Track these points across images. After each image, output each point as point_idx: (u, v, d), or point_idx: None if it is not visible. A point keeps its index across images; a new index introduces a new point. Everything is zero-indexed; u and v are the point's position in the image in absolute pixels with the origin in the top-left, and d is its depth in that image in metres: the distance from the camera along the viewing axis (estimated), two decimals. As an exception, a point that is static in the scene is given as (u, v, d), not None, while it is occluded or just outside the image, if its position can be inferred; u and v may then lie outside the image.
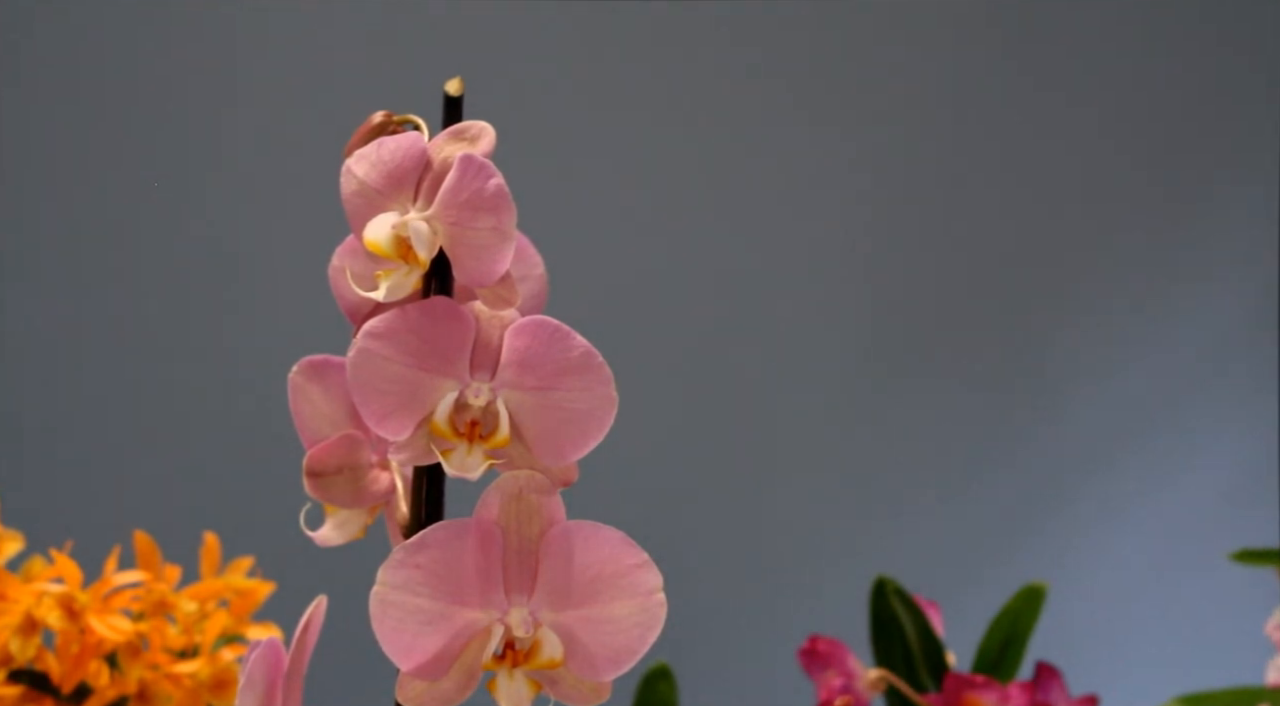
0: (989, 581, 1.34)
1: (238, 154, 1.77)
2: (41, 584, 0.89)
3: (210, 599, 0.94)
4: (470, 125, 0.57)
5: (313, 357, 0.61)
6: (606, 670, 0.56)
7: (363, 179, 0.56)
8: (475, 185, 0.55)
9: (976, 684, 0.98)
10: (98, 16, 1.74)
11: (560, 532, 0.56)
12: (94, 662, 0.90)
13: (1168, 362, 1.90)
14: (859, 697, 1.01)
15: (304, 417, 0.61)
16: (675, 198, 1.87)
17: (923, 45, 1.89)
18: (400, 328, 0.55)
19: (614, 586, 0.56)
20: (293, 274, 1.50)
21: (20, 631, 0.88)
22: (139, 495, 1.67)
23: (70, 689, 0.89)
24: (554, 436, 0.56)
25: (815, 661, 1.03)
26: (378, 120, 0.58)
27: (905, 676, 1.04)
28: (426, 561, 0.55)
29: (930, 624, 1.06)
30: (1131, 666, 1.78)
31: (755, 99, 1.89)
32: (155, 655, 0.91)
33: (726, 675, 1.77)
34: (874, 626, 1.06)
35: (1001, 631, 1.07)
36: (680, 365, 1.85)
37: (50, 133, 1.75)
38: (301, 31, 1.79)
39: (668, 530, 1.44)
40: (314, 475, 0.60)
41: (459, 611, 0.55)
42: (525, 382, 0.56)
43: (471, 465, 0.55)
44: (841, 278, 1.91)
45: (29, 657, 0.88)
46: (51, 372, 1.74)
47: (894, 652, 1.06)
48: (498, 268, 0.55)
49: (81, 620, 0.88)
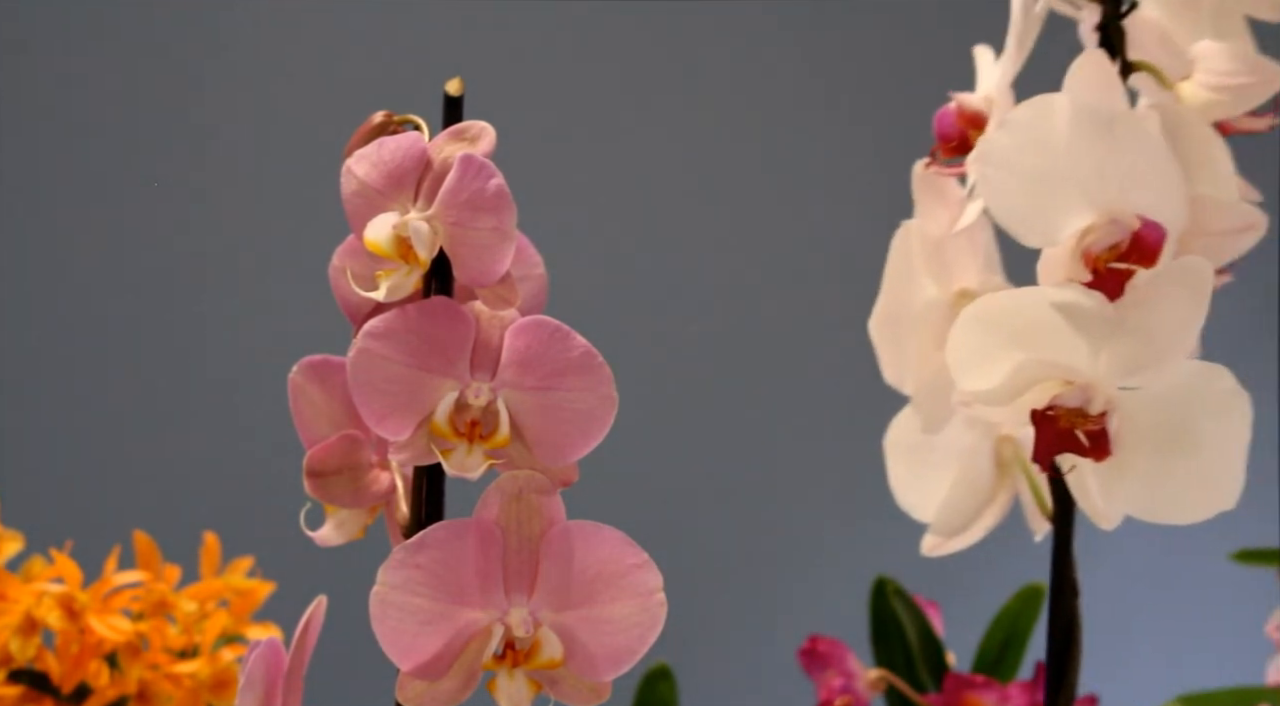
0: (989, 581, 1.33)
1: (238, 154, 1.77)
2: (41, 584, 0.89)
3: (210, 599, 0.94)
4: (471, 125, 0.57)
5: (313, 358, 0.61)
6: (606, 670, 0.56)
7: (363, 179, 0.56)
8: (476, 185, 0.55)
9: (976, 684, 0.98)
10: (99, 16, 1.74)
11: (560, 532, 0.56)
12: (94, 662, 0.90)
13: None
14: (859, 697, 1.01)
15: (304, 418, 0.61)
16: (676, 197, 1.87)
17: (923, 44, 1.89)
18: (400, 327, 0.55)
19: (614, 586, 0.56)
20: (293, 274, 1.50)
21: (20, 631, 0.88)
22: (139, 495, 1.67)
23: (70, 689, 0.89)
24: (554, 436, 0.56)
25: (815, 661, 1.03)
26: (378, 120, 0.58)
27: (905, 676, 1.04)
28: (426, 561, 0.55)
29: (930, 624, 1.06)
30: (1131, 666, 1.78)
31: (756, 99, 1.89)
32: (155, 655, 0.91)
33: (726, 675, 1.77)
34: (874, 626, 1.06)
35: (1001, 631, 1.07)
36: (680, 365, 1.85)
37: (51, 133, 1.75)
38: (302, 31, 1.79)
39: (668, 530, 1.44)
40: (314, 475, 0.60)
41: (459, 611, 0.55)
42: (525, 382, 0.56)
43: (471, 465, 0.55)
44: (842, 278, 1.91)
45: (29, 657, 0.88)
46: (51, 373, 1.74)
47: (894, 652, 1.06)
48: (498, 267, 0.55)
49: (81, 620, 0.88)
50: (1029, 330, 0.72)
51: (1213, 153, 0.79)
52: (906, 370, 0.83)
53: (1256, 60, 0.78)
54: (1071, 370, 0.72)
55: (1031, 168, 0.73)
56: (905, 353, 0.82)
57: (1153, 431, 0.73)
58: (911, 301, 0.82)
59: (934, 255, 0.82)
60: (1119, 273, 0.72)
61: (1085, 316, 0.71)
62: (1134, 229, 0.71)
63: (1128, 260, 0.72)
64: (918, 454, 0.86)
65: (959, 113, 0.81)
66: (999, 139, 0.74)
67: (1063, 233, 0.73)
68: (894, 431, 0.86)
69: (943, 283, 0.82)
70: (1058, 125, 0.73)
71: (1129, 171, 0.72)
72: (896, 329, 0.82)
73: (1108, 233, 0.72)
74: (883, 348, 0.83)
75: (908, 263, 0.82)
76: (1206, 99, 0.78)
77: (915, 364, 0.82)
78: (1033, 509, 0.86)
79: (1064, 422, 0.72)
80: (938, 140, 0.82)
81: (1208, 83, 0.79)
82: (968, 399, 0.74)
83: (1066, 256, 0.73)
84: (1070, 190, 0.72)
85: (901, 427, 0.86)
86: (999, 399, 0.73)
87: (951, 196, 0.82)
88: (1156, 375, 0.72)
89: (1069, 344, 0.72)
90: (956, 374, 0.74)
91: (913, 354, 0.82)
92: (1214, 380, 0.74)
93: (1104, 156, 0.72)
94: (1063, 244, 0.73)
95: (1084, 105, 0.73)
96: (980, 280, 0.83)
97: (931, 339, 0.81)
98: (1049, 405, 0.72)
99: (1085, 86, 0.75)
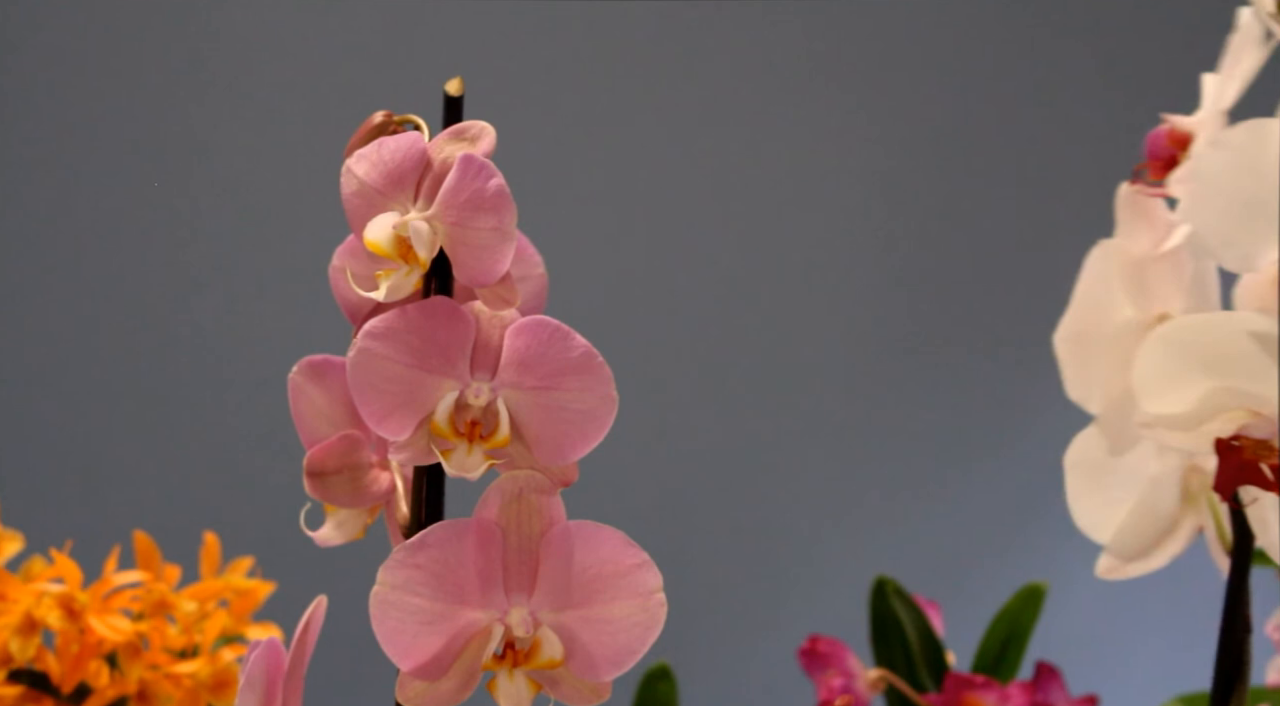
0: (989, 581, 1.33)
1: (238, 154, 1.77)
2: (41, 584, 0.89)
3: (210, 599, 0.94)
4: (471, 125, 0.57)
5: (313, 358, 0.61)
6: (607, 670, 0.56)
7: (363, 179, 0.56)
8: (476, 185, 0.55)
9: (976, 684, 0.98)
10: (99, 16, 1.74)
11: (560, 532, 0.56)
12: (94, 662, 0.90)
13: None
14: (859, 697, 1.01)
15: (304, 417, 0.61)
16: (676, 197, 1.87)
17: (928, 41, 1.89)
18: (400, 327, 0.55)
19: (614, 586, 0.56)
20: (292, 274, 1.50)
21: (20, 631, 0.88)
22: (139, 495, 1.67)
23: (70, 689, 0.89)
24: (554, 436, 0.56)
25: (815, 661, 1.03)
26: (378, 120, 0.58)
27: (905, 676, 1.04)
28: (426, 561, 0.55)
29: (930, 624, 1.06)
30: (1131, 666, 1.78)
31: (756, 98, 1.89)
32: (155, 655, 0.91)
33: (726, 675, 1.77)
34: (874, 626, 1.06)
35: (1001, 631, 1.07)
36: (680, 365, 1.85)
37: (52, 133, 1.75)
38: (301, 31, 1.79)
39: (668, 530, 1.44)
40: (314, 475, 0.60)
41: (459, 611, 0.55)
42: (525, 382, 0.56)
43: (472, 465, 0.55)
44: (841, 279, 1.91)
45: (29, 657, 0.88)
46: (51, 373, 1.74)
47: (894, 652, 1.06)
48: (498, 267, 0.55)
49: (81, 620, 0.88)
50: (1220, 356, 0.71)
51: None
52: (1094, 389, 0.81)
53: None
54: (1261, 400, 0.70)
55: (1239, 189, 0.72)
56: (1094, 372, 0.81)
57: None
58: (1106, 321, 0.80)
59: (1134, 276, 0.80)
60: None
61: None
62: None
63: None
64: (1099, 474, 0.84)
65: (1170, 134, 0.80)
66: (1210, 157, 0.73)
67: (1263, 259, 0.71)
68: (1075, 449, 0.84)
69: (1141, 305, 0.80)
70: (1271, 150, 0.72)
71: None
72: (1087, 347, 0.81)
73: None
74: (1069, 365, 0.81)
75: (1104, 282, 0.80)
76: None
77: (1105, 384, 0.80)
78: (1215, 543, 0.85)
79: (1249, 454, 0.71)
80: (1147, 160, 0.80)
81: None
82: (1150, 421, 0.73)
83: (1265, 284, 0.71)
84: (1270, 215, 0.71)
85: (1084, 447, 0.84)
86: (1183, 424, 0.72)
87: (1158, 218, 0.80)
88: None
89: (1261, 373, 0.70)
90: (1140, 395, 0.72)
91: (1103, 374, 0.81)
92: None
93: None
94: (1262, 270, 0.71)
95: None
96: (1185, 306, 0.80)
97: (1124, 360, 0.78)
98: (1235, 435, 0.70)
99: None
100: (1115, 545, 0.83)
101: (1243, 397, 0.71)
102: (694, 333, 1.86)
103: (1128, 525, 0.82)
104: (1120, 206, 0.81)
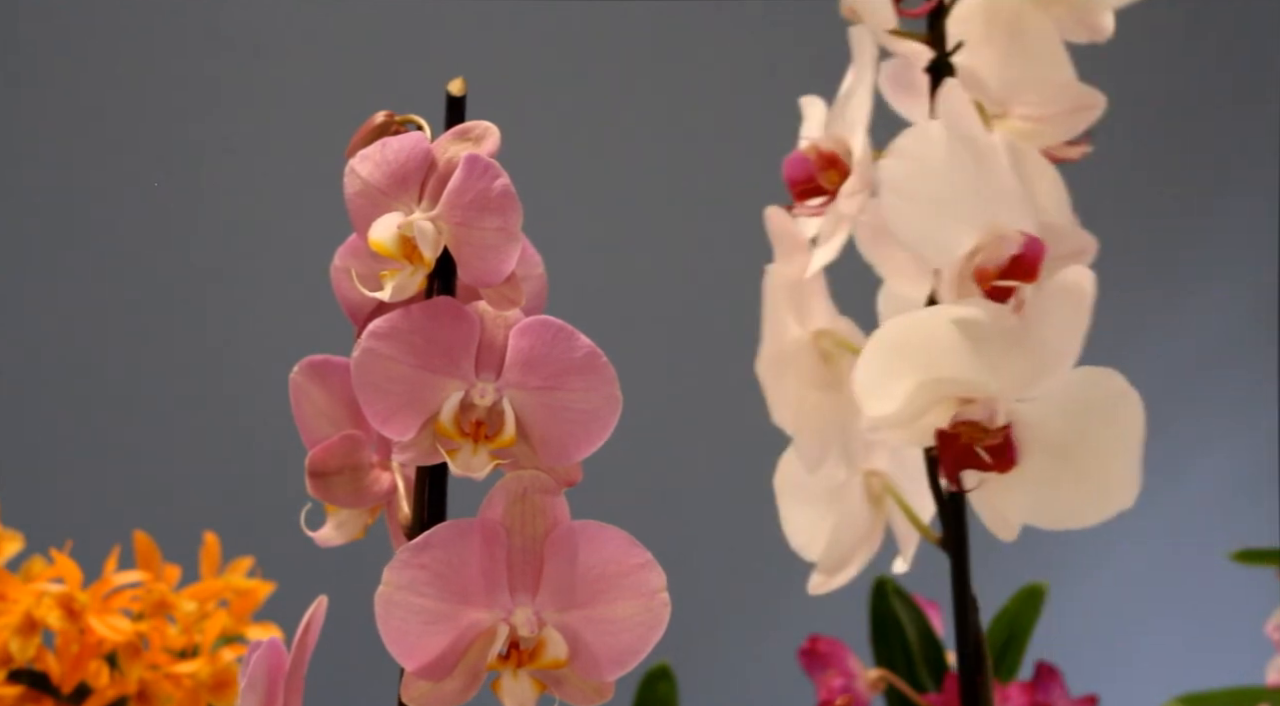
0: (989, 581, 1.33)
1: (239, 154, 1.77)
2: (41, 584, 0.89)
3: (210, 599, 0.94)
4: (475, 125, 0.57)
5: (314, 358, 0.61)
6: (610, 670, 0.56)
7: (367, 179, 0.56)
8: (481, 185, 0.55)
9: (977, 684, 0.98)
10: (99, 16, 1.74)
11: (564, 532, 0.56)
12: (94, 662, 0.90)
13: (1168, 362, 1.90)
14: (859, 697, 1.01)
15: (305, 417, 0.61)
16: (677, 197, 1.87)
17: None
18: (405, 328, 0.55)
19: (618, 586, 0.56)
20: (294, 274, 1.50)
21: (20, 631, 0.88)
22: (139, 495, 1.67)
23: (70, 689, 0.89)
24: (558, 436, 0.56)
25: (815, 661, 1.03)
26: (380, 120, 0.58)
27: (905, 676, 1.04)
28: (431, 561, 0.55)
29: (930, 624, 1.06)
30: (1131, 666, 1.78)
31: (756, 98, 1.89)
32: (155, 655, 0.91)
33: (726, 675, 1.77)
34: (874, 626, 1.06)
35: (1001, 631, 1.08)
36: (682, 365, 1.85)
37: (52, 134, 1.75)
38: (303, 31, 1.79)
39: (670, 530, 1.44)
40: (315, 475, 0.60)
41: (463, 611, 0.55)
42: (530, 383, 0.56)
43: (477, 465, 0.55)
44: (841, 279, 1.91)
45: (29, 657, 0.88)
46: (51, 373, 1.74)
47: (894, 652, 1.06)
48: (503, 268, 0.55)
49: (81, 620, 0.88)
50: (928, 349, 0.74)
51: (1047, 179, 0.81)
52: (787, 410, 0.83)
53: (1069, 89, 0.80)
54: (971, 386, 0.73)
55: (922, 191, 0.75)
56: (784, 392, 0.83)
57: (1050, 439, 0.75)
58: (785, 342, 0.83)
59: (792, 298, 0.83)
60: (1003, 290, 0.74)
61: (983, 332, 0.73)
62: (1019, 244, 0.74)
63: (1010, 277, 0.74)
64: (802, 494, 0.87)
65: (815, 155, 0.82)
66: (893, 167, 0.76)
67: (960, 250, 0.75)
68: (780, 473, 0.87)
69: (804, 323, 0.84)
70: (937, 150, 0.75)
71: (998, 192, 0.74)
72: (778, 369, 0.83)
73: (997, 250, 0.74)
74: (769, 389, 0.83)
75: (775, 305, 0.83)
76: (1021, 131, 0.81)
77: (793, 403, 0.83)
78: (905, 537, 0.87)
79: (965, 439, 0.74)
80: (788, 184, 0.83)
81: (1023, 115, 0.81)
82: (874, 424, 0.75)
83: (955, 276, 0.75)
84: (956, 211, 0.75)
85: (787, 469, 0.87)
86: (902, 421, 0.75)
87: (801, 240, 0.83)
88: (1049, 384, 0.74)
89: (966, 359, 0.73)
90: (862, 401, 0.75)
91: (789, 393, 0.83)
92: (1104, 383, 0.76)
93: (976, 178, 0.75)
94: (952, 264, 0.75)
95: (955, 130, 0.75)
96: (830, 319, 0.84)
97: (801, 377, 0.83)
98: (952, 423, 0.73)
99: (951, 114, 0.76)
100: (825, 560, 0.85)
101: (951, 386, 0.73)
102: (696, 332, 1.86)
103: (833, 539, 0.84)
104: (772, 231, 0.83)
